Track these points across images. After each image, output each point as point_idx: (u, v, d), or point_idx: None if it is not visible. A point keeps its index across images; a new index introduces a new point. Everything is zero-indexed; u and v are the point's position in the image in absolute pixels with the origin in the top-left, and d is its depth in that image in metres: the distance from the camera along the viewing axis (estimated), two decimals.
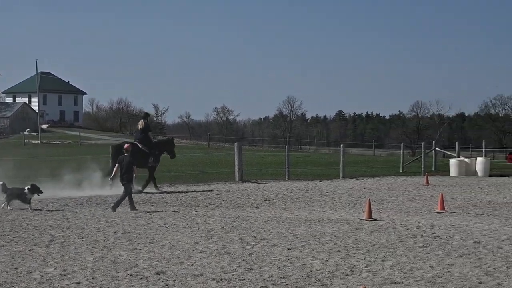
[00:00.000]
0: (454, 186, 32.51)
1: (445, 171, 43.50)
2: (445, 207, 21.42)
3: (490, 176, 41.64)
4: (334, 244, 14.53)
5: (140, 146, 27.77)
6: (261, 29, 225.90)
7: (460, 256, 13.16)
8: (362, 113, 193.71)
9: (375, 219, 18.62)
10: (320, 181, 34.21)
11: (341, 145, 40.19)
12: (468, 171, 42.00)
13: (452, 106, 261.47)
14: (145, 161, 27.70)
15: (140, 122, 29.26)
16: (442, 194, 22.23)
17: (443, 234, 16.09)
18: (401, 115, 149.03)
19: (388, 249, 13.86)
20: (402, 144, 50.52)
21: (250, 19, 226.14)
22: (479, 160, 43.29)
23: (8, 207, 20.77)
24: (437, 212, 20.72)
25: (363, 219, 18.63)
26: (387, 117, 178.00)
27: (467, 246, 14.37)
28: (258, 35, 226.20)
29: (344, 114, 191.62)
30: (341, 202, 23.96)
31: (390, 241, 14.97)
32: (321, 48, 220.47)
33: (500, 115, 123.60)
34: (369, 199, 19.68)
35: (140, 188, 26.81)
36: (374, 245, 14.42)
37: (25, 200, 20.76)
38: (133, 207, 20.58)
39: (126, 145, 21.93)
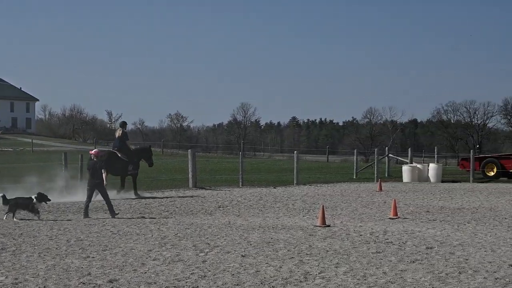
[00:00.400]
0: (407, 192, 32.76)
1: (398, 177, 43.85)
2: (398, 213, 21.58)
3: (442, 182, 42.02)
4: (288, 250, 14.54)
5: (119, 154, 28.69)
6: (213, 36, 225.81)
7: (413, 261, 13.25)
8: (316, 120, 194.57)
9: (328, 226, 18.68)
10: (274, 188, 34.25)
11: (295, 152, 40.26)
12: (420, 177, 42.35)
13: (405, 113, 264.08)
14: (124, 168, 28.78)
15: (118, 130, 30.02)
16: (395, 200, 22.38)
17: (396, 240, 16.20)
18: (355, 121, 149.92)
19: (341, 255, 13.91)
20: (355, 151, 50.72)
21: (201, 26, 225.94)
22: (432, 166, 43.65)
23: (15, 219, 19.78)
24: (390, 218, 20.85)
25: (317, 226, 18.67)
26: (340, 124, 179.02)
27: (419, 251, 14.47)
28: (210, 42, 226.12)
29: (298, 120, 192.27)
30: (295, 209, 24.01)
31: (344, 247, 15.03)
32: (274, 54, 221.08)
33: (452, 121, 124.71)
34: (323, 206, 19.73)
35: (134, 195, 28.07)
36: (327, 251, 14.46)
37: (33, 210, 20.04)
38: (113, 212, 20.86)
39: (94, 151, 22.15)
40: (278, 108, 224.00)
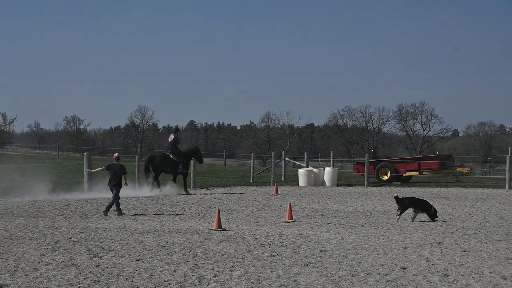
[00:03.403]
0: (302, 195, 33.07)
1: (294, 181, 44.29)
2: (293, 217, 21.76)
3: (337, 185, 42.64)
4: (183, 254, 14.50)
5: (171, 156, 34.31)
6: (109, 36, 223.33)
7: (307, 265, 13.37)
8: (213, 123, 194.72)
9: (224, 229, 18.71)
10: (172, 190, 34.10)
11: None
12: (316, 181, 42.85)
13: (302, 117, 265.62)
14: (175, 168, 34.42)
15: (171, 135, 35.49)
16: (290, 204, 22.55)
17: (291, 243, 16.32)
18: (252, 125, 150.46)
19: (236, 259, 13.94)
20: (252, 154, 51.03)
21: (97, 28, 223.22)
22: (327, 170, 44.18)
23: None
24: (286, 222, 21.00)
25: (213, 229, 18.68)
26: (238, 128, 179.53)
27: (313, 255, 14.62)
28: (110, 43, 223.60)
29: (196, 124, 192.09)
30: (191, 212, 23.95)
31: (239, 251, 15.07)
32: (171, 57, 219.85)
33: (348, 126, 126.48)
34: (219, 209, 19.74)
35: (183, 192, 33.40)
36: (222, 255, 14.48)
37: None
38: (119, 212, 23.06)
39: (115, 155, 24.81)
40: (176, 111, 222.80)
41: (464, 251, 15.30)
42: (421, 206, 21.60)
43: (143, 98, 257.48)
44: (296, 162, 61.73)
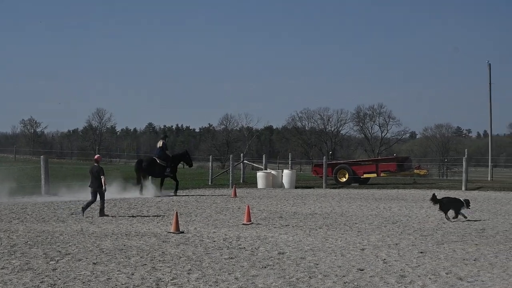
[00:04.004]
0: (261, 198, 33.11)
1: (253, 183, 44.30)
2: (252, 219, 21.78)
3: (296, 188, 42.72)
4: (141, 257, 14.45)
5: (158, 161, 35.86)
6: (64, 38, 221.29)
7: (265, 267, 13.39)
8: (172, 126, 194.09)
9: (182, 232, 18.68)
10: (129, 194, 33.97)
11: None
12: (275, 183, 42.89)
13: (260, 119, 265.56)
14: (162, 172, 35.95)
15: (160, 141, 37.14)
16: (248, 206, 22.57)
17: (249, 245, 16.34)
18: (211, 128, 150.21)
19: (194, 262, 13.92)
20: (211, 157, 50.91)
21: (52, 28, 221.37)
22: (286, 172, 44.26)
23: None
24: (244, 224, 21.01)
25: (171, 232, 18.64)
26: (197, 130, 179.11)
27: (271, 257, 14.64)
28: (62, 43, 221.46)
29: (155, 126, 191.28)
30: (149, 215, 23.87)
31: (197, 253, 15.05)
32: (128, 59, 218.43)
33: (307, 128, 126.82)
34: (177, 212, 19.71)
35: (171, 193, 35.29)
36: (180, 257, 14.45)
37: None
38: (102, 213, 23.54)
39: (96, 156, 24.95)
40: (134, 114, 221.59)
41: (421, 252, 15.42)
42: (455, 204, 22.72)
43: (101, 101, 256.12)
44: (254, 165, 61.78)
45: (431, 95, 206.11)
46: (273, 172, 44.86)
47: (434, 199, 22.81)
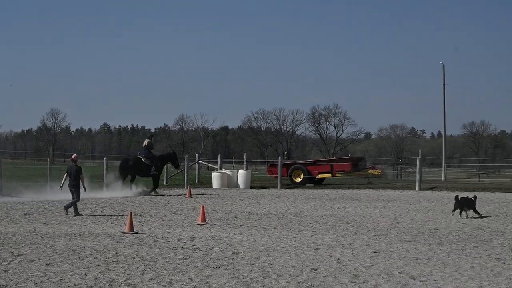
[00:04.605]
0: (216, 198, 33.09)
1: (208, 183, 44.25)
2: (206, 219, 21.74)
3: (251, 188, 42.77)
4: (94, 258, 14.35)
5: (143, 160, 36.75)
6: (18, 38, 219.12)
7: (219, 267, 13.38)
8: (127, 126, 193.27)
9: (136, 232, 18.60)
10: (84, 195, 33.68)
11: (105, 158, 39.92)
12: (230, 183, 42.90)
13: (216, 120, 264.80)
14: (147, 171, 36.74)
15: (145, 140, 38.17)
16: (203, 206, 22.53)
17: (203, 246, 16.31)
18: (167, 128, 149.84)
19: (148, 262, 13.86)
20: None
21: (7, 32, 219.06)
22: (241, 172, 44.30)
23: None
24: (198, 224, 20.98)
25: (125, 232, 18.55)
26: (152, 130, 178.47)
27: (226, 257, 14.64)
28: (20, 43, 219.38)
29: (110, 126, 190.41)
30: (103, 216, 23.72)
31: (151, 254, 14.99)
32: (83, 59, 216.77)
33: (262, 128, 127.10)
34: (131, 212, 19.62)
35: (147, 190, 35.98)
36: (134, 258, 14.38)
37: None
38: (77, 213, 23.71)
39: (73, 156, 25.57)
40: (89, 114, 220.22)
41: (375, 252, 15.52)
42: (470, 204, 24.27)
43: (56, 101, 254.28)
44: (210, 165, 61.63)
45: (386, 96, 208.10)
46: (228, 172, 44.86)
47: (457, 199, 24.40)
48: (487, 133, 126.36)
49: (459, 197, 24.56)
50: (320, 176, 46.40)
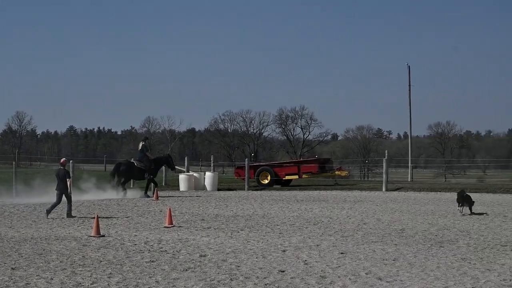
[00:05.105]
0: (183, 200, 33.02)
1: (175, 186, 44.14)
2: (173, 222, 21.70)
3: (218, 190, 42.73)
4: (60, 262, 14.27)
5: (136, 164, 37.09)
6: None
7: (186, 270, 13.35)
8: (93, 129, 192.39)
9: (103, 235, 18.51)
10: (50, 198, 33.46)
11: (71, 161, 39.66)
12: (197, 185, 42.83)
13: (183, 122, 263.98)
14: (141, 175, 37.36)
15: (140, 143, 38.80)
16: (170, 209, 22.49)
17: (170, 248, 16.28)
18: (133, 130, 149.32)
19: (115, 265, 13.81)
20: (132, 159, 50.50)
21: None
22: (208, 174, 44.24)
23: None
24: (165, 227, 20.92)
25: (91, 236, 18.46)
26: (119, 133, 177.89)
27: (193, 260, 14.61)
28: None
29: (76, 129, 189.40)
30: (69, 219, 23.58)
31: (117, 257, 14.93)
32: (49, 62, 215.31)
33: (229, 130, 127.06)
34: (97, 215, 19.53)
35: (144, 194, 36.20)
36: (101, 261, 14.31)
37: None
38: (69, 215, 24.14)
39: (62, 160, 25.42)
40: (55, 117, 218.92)
41: (342, 253, 15.58)
42: (469, 201, 25.53)
43: (21, 103, 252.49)
44: (176, 167, 61.49)
45: (353, 97, 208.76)
46: (195, 174, 44.76)
47: (460, 194, 25.76)
48: (452, 133, 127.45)
49: (464, 194, 25.71)
50: (287, 177, 46.42)
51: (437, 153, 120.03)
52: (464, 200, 25.32)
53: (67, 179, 24.34)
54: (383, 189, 41.22)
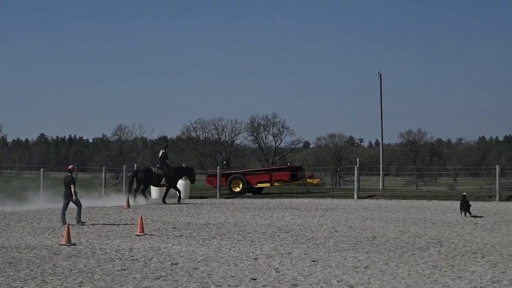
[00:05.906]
0: (154, 208, 32.95)
1: (148, 193, 43.98)
2: (145, 230, 21.62)
3: (190, 198, 42.66)
4: (31, 270, 14.15)
5: (154, 170, 38.38)
6: None
7: (157, 278, 13.30)
8: (65, 136, 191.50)
9: (74, 244, 18.40)
10: (20, 207, 33.28)
11: (42, 169, 39.46)
12: (169, 193, 42.64)
13: (154, 129, 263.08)
14: (158, 182, 38.46)
15: (160, 151, 39.99)
16: (141, 217, 22.41)
17: (142, 257, 16.21)
18: (105, 138, 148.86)
19: (86, 274, 13.72)
20: (104, 167, 50.38)
21: None
22: (180, 182, 43.92)
23: None
24: (137, 235, 20.85)
25: (62, 244, 18.34)
26: (90, 140, 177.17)
27: (164, 268, 14.56)
28: None
29: (47, 137, 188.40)
30: (40, 228, 23.43)
31: (88, 265, 14.84)
32: (19, 70, 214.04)
33: (201, 138, 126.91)
34: (68, 224, 19.44)
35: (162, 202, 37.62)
36: (71, 270, 14.22)
37: None
38: (79, 221, 24.59)
39: (69, 167, 26.57)
40: (25, 125, 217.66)
41: (313, 261, 15.58)
42: (467, 205, 27.58)
43: None
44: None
45: (324, 105, 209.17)
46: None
47: (463, 198, 27.89)
48: (423, 141, 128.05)
49: (466, 198, 27.94)
50: (259, 185, 46.46)
51: (408, 161, 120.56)
52: (466, 204, 27.45)
53: (71, 185, 24.88)
54: (355, 196, 41.37)
